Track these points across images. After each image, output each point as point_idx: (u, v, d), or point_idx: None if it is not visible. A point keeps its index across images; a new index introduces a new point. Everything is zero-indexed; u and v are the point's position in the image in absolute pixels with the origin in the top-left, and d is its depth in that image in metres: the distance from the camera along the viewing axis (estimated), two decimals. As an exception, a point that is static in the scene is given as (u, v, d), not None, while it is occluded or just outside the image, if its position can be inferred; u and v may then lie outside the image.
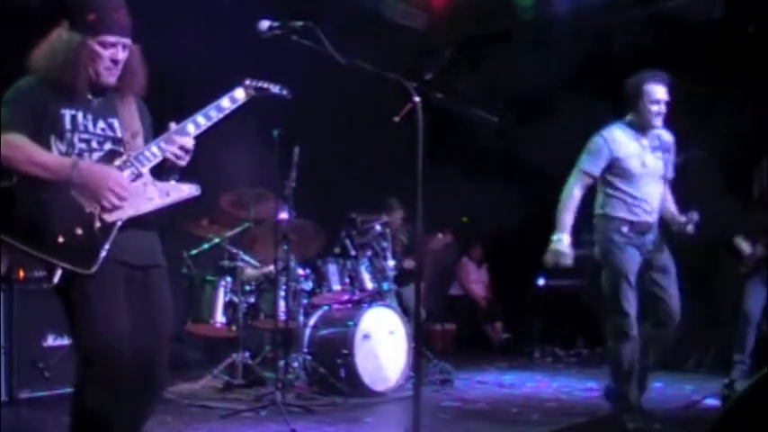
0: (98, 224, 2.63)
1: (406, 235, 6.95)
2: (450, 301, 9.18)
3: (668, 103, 4.42)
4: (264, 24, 2.95)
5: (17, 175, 2.57)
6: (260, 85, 3.10)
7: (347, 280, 6.00)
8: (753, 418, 1.91)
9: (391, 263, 6.15)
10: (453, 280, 9.29)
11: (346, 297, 6.01)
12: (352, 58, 2.96)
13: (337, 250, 6.27)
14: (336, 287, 5.94)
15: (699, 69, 7.01)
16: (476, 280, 9.23)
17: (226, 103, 2.96)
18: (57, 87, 2.68)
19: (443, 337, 8.59)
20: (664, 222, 4.53)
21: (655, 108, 4.39)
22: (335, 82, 5.40)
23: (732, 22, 6.93)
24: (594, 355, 7.49)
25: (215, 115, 2.91)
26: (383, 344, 5.62)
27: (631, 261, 4.33)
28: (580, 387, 5.97)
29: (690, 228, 4.51)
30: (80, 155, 2.68)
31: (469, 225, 8.99)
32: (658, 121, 4.43)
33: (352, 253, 6.17)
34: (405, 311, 6.15)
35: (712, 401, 5.03)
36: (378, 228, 6.20)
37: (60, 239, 2.56)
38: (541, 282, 8.37)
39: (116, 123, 2.81)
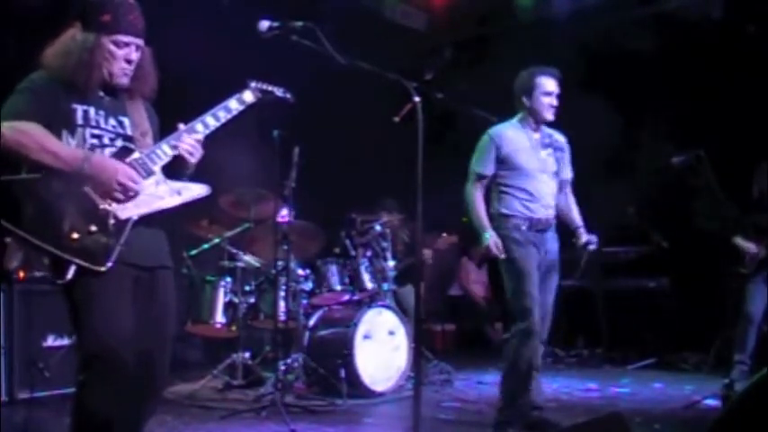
0: (112, 221, 2.65)
1: (407, 234, 6.95)
2: (450, 301, 9.18)
3: (559, 97, 4.29)
4: (264, 24, 2.95)
5: (26, 166, 2.58)
6: (264, 87, 3.12)
7: (347, 280, 6.00)
8: (753, 418, 1.91)
9: (391, 263, 6.15)
10: (453, 280, 9.29)
11: (346, 297, 6.01)
12: (353, 59, 2.96)
13: (337, 250, 6.27)
14: (336, 287, 5.94)
15: (699, 69, 7.03)
16: (476, 280, 9.23)
17: (234, 104, 3.00)
18: (69, 85, 2.70)
19: (443, 337, 8.59)
20: (563, 227, 4.40)
21: (547, 100, 4.25)
22: (335, 82, 5.40)
23: (732, 22, 6.93)
24: (594, 355, 7.49)
25: (223, 116, 2.95)
26: (383, 344, 5.62)
27: (532, 258, 4.19)
28: (580, 387, 5.97)
29: (591, 248, 4.36)
30: (92, 150, 2.70)
31: (469, 225, 8.99)
32: (550, 115, 4.28)
33: (352, 253, 6.17)
34: (403, 311, 6.13)
35: (712, 401, 5.03)
36: (378, 228, 6.20)
37: (74, 236, 2.57)
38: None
39: (126, 121, 2.83)
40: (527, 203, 4.23)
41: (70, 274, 2.57)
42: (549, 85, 4.26)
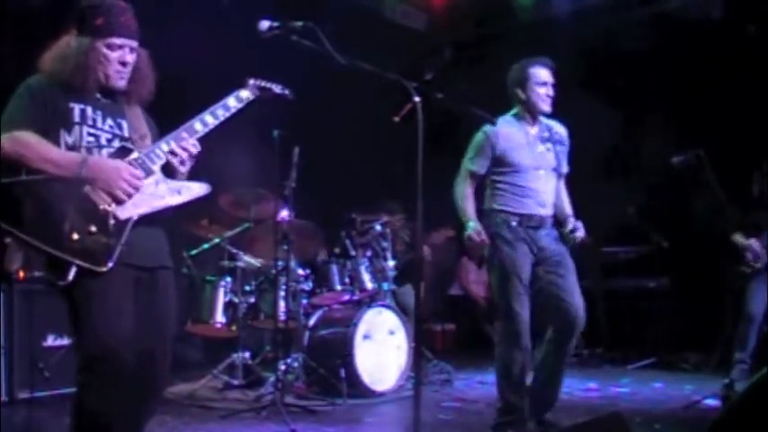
0: (112, 221, 2.65)
1: (408, 234, 6.96)
2: (450, 301, 9.18)
3: (555, 87, 4.17)
4: (264, 24, 2.95)
5: (26, 169, 2.58)
6: (263, 84, 3.12)
7: (347, 280, 6.00)
8: (753, 418, 1.91)
9: (391, 263, 6.15)
10: (453, 280, 9.29)
11: (346, 297, 6.01)
12: (353, 59, 2.96)
13: (337, 250, 6.27)
14: (336, 287, 5.94)
15: (699, 69, 7.03)
16: (476, 280, 9.22)
17: (232, 102, 3.00)
18: (66, 87, 2.73)
19: (443, 337, 8.59)
20: (557, 221, 4.26)
21: (542, 90, 4.12)
22: (335, 82, 5.40)
23: (732, 22, 6.93)
24: (594, 355, 7.49)
25: (222, 114, 2.95)
26: (383, 344, 5.62)
27: (522, 258, 4.02)
28: (580, 387, 5.96)
29: (578, 235, 4.14)
30: (89, 150, 2.71)
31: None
32: (546, 106, 4.15)
33: (352, 253, 6.17)
34: (402, 310, 6.13)
35: (712, 401, 5.03)
36: (378, 228, 6.20)
37: (75, 237, 2.57)
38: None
39: (124, 124, 2.85)
40: (519, 199, 4.10)
41: (71, 275, 2.56)
42: (542, 74, 4.15)
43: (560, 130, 4.33)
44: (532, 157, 4.15)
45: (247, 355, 5.77)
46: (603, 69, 7.42)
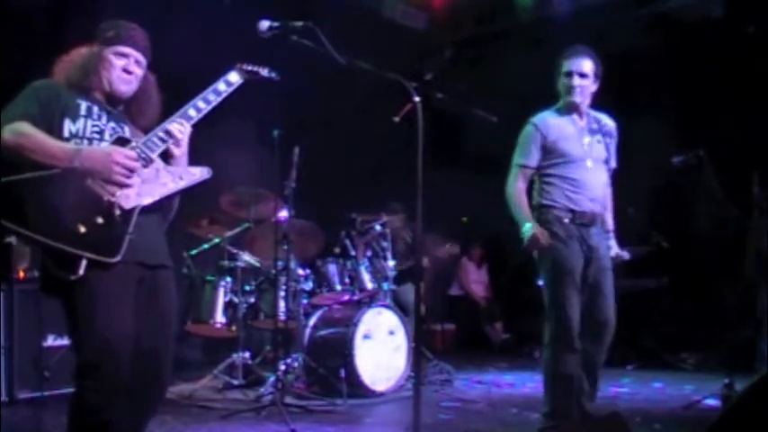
0: (117, 211, 2.67)
1: (410, 234, 6.96)
2: (450, 301, 9.18)
3: (584, 75, 4.05)
4: (264, 24, 2.96)
5: (30, 166, 2.59)
6: (250, 68, 3.16)
7: (347, 280, 6.00)
8: (753, 418, 1.91)
9: (391, 263, 6.15)
10: (453, 280, 9.29)
11: (346, 297, 6.01)
12: (352, 59, 2.96)
13: (337, 250, 6.27)
14: (336, 287, 5.94)
15: (699, 69, 7.03)
16: (476, 280, 9.23)
17: (222, 86, 3.05)
18: (72, 87, 2.83)
19: (443, 337, 8.59)
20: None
21: (565, 81, 4.02)
22: (335, 82, 5.40)
23: (732, 22, 6.93)
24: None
25: (213, 99, 3.01)
26: (383, 344, 5.62)
27: (575, 257, 3.88)
28: (580, 387, 5.95)
29: (622, 259, 4.09)
30: (90, 141, 2.76)
31: (469, 225, 8.99)
32: (571, 96, 4.02)
33: (352, 253, 6.17)
34: (402, 310, 6.13)
35: (712, 401, 5.03)
36: (378, 228, 6.20)
37: (82, 230, 2.58)
38: (541, 282, 8.37)
39: (126, 128, 2.90)
40: (570, 194, 3.95)
41: (81, 269, 2.57)
42: (567, 65, 4.05)
43: (609, 122, 4.22)
44: (581, 147, 4.03)
45: (247, 355, 5.77)
46: (603, 69, 7.41)
